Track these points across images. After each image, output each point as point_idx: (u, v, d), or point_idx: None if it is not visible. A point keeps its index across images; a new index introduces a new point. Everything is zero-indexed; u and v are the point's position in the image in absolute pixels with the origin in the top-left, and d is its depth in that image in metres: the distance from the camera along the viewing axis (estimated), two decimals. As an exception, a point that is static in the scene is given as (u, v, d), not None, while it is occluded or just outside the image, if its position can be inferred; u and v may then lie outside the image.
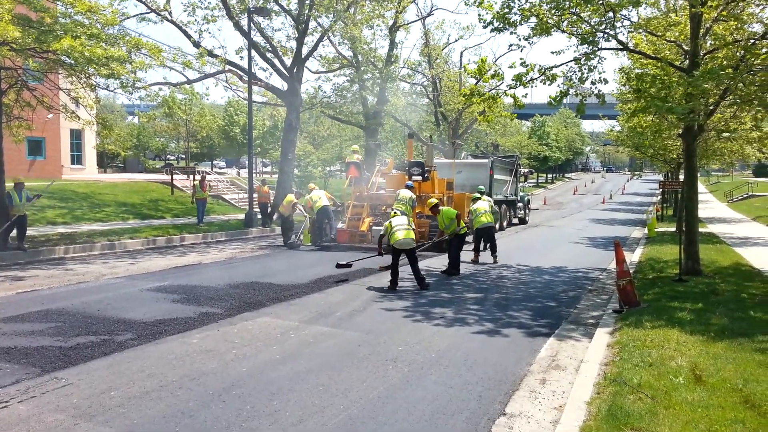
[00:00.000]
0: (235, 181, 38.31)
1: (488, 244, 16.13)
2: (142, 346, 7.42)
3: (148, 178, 36.25)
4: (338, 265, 12.94)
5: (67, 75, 16.91)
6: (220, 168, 69.12)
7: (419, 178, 19.23)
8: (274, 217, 24.05)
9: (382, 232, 12.29)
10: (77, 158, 38.71)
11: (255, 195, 24.83)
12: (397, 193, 17.79)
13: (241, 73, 25.30)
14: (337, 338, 7.92)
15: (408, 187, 17.73)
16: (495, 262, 15.65)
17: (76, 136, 37.95)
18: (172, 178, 31.52)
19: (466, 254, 16.00)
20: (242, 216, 25.19)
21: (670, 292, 10.49)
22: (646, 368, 6.14)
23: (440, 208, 14.02)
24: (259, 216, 24.38)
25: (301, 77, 26.24)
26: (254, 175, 27.24)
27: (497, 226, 18.41)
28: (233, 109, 56.87)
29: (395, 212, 12.66)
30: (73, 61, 15.17)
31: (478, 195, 17.59)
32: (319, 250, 17.87)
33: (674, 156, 27.49)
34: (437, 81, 37.59)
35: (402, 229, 11.88)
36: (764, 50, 11.95)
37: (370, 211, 19.06)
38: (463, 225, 13.88)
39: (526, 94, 13.46)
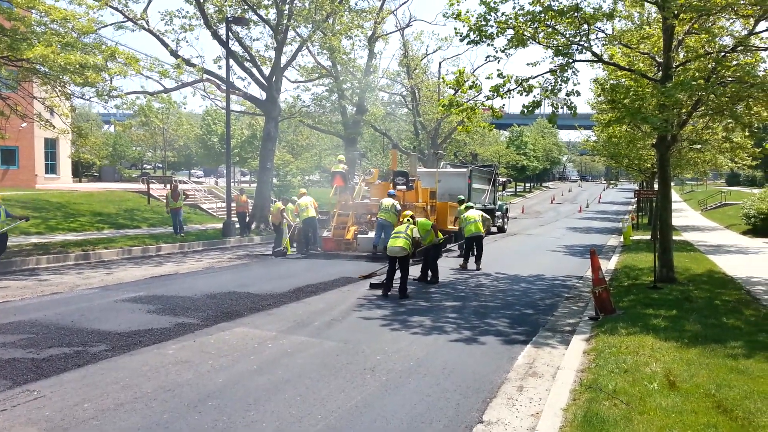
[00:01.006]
0: (213, 190, 38.05)
1: (476, 253, 16.47)
2: (117, 357, 7.32)
3: (125, 188, 35.85)
4: (371, 285, 12.71)
5: (42, 83, 16.71)
6: (198, 177, 68.50)
7: (403, 187, 19.51)
8: (266, 225, 24.09)
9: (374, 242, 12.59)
10: (52, 167, 38.16)
11: (233, 204, 24.68)
12: (380, 203, 18.00)
13: (219, 83, 25.21)
14: (315, 348, 7.89)
15: (391, 195, 18.06)
16: (478, 269, 15.96)
17: (51, 145, 37.43)
18: (148, 187, 31.19)
19: (447, 262, 16.04)
20: (220, 225, 25.01)
21: (645, 299, 10.62)
22: (621, 374, 6.21)
23: (416, 220, 14.07)
24: (238, 225, 24.23)
25: (280, 87, 26.25)
26: (232, 184, 27.06)
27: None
28: (211, 118, 56.60)
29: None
30: (47, 70, 15.01)
31: (471, 204, 17.94)
32: (303, 258, 17.92)
33: (648, 165, 27.91)
34: (416, 91, 37.83)
35: (399, 237, 12.17)
36: (734, 63, 12.26)
37: (355, 220, 19.23)
38: (441, 235, 14.01)
39: (504, 104, 13.79)
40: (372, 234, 18.05)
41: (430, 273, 13.79)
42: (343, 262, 16.70)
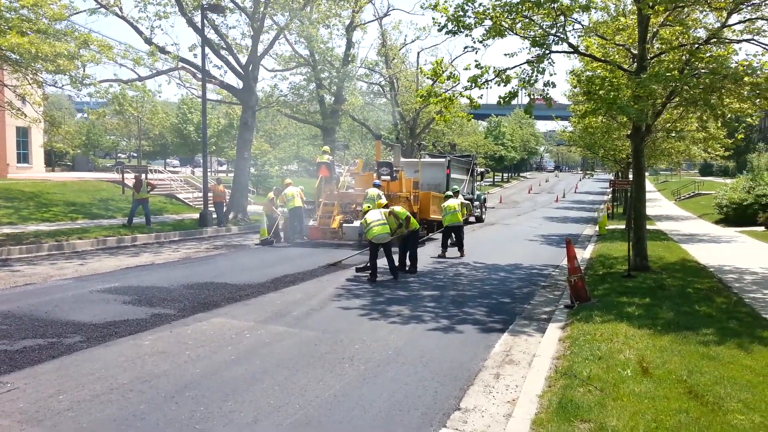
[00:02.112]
0: (190, 179, 37.69)
1: (456, 241, 17.02)
2: (92, 348, 7.24)
3: (99, 177, 35.35)
4: (357, 270, 13.44)
5: (13, 71, 16.36)
6: (174, 167, 67.71)
7: (388, 177, 19.97)
8: (243, 215, 24.26)
9: (360, 231, 13.19)
10: (24, 156, 37.46)
11: (210, 194, 24.51)
12: (365, 192, 18.49)
13: (195, 71, 24.90)
14: (293, 338, 7.89)
15: (375, 185, 18.56)
16: (461, 255, 16.62)
17: (23, 134, 36.72)
18: (123, 176, 30.80)
19: (426, 249, 16.12)
20: (197, 215, 24.82)
21: (620, 287, 10.79)
22: (595, 361, 6.32)
23: (392, 208, 14.14)
24: (215, 215, 24.07)
25: (257, 75, 26.01)
26: (209, 173, 26.85)
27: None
28: (187, 107, 55.83)
29: (367, 206, 13.51)
30: (18, 57, 14.70)
31: (450, 193, 18.42)
32: (288, 247, 18.15)
33: (624, 156, 28.23)
34: (394, 81, 37.73)
35: (378, 224, 12.66)
36: (708, 54, 12.43)
37: (340, 209, 19.64)
38: (416, 224, 14.20)
39: (482, 95, 13.70)
40: (357, 223, 18.24)
41: (408, 262, 13.85)
42: (327, 251, 16.70)
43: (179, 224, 22.93)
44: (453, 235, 17.06)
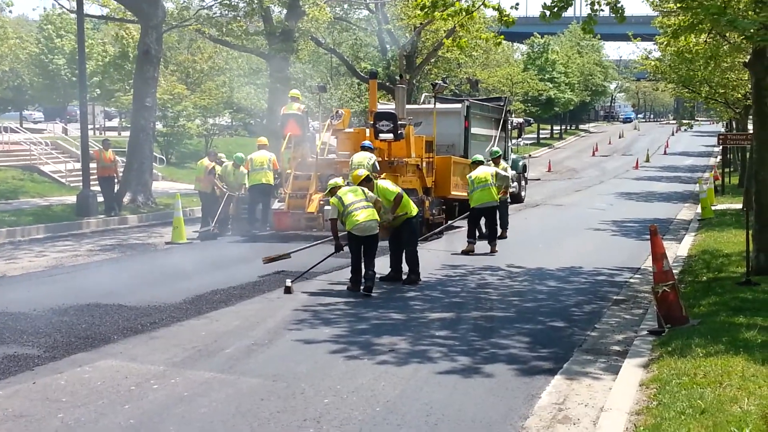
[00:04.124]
0: (60, 142, 37.45)
1: (488, 229, 17.43)
2: None
3: None
4: (267, 260, 13.88)
5: None
6: (36, 121, 67.24)
7: (390, 135, 19.80)
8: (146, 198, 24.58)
9: (332, 215, 13.02)
10: None
11: (93, 165, 24.31)
12: (351, 160, 18.46)
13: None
14: (226, 389, 7.89)
15: (365, 148, 18.56)
16: (493, 252, 17.01)
17: None
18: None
19: (436, 245, 16.12)
20: (73, 199, 24.67)
21: (733, 301, 10.82)
22: (696, 417, 6.36)
23: (375, 183, 14.07)
24: (101, 198, 23.91)
25: (164, -24, 25.83)
26: (91, 132, 26.67)
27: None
28: (53, 27, 55.31)
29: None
30: None
31: (480, 157, 18.75)
32: (238, 243, 18.64)
33: (739, 96, 28.34)
34: (382, -19, 37.57)
35: (362, 207, 12.53)
36: None
37: (319, 185, 19.34)
38: (414, 208, 14.15)
39: (518, 3, 13.48)
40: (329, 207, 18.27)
41: (406, 267, 13.87)
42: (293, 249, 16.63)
43: (45, 213, 22.84)
44: (484, 221, 17.39)
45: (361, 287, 12.67)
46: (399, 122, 20.01)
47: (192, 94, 42.78)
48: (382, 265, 13.88)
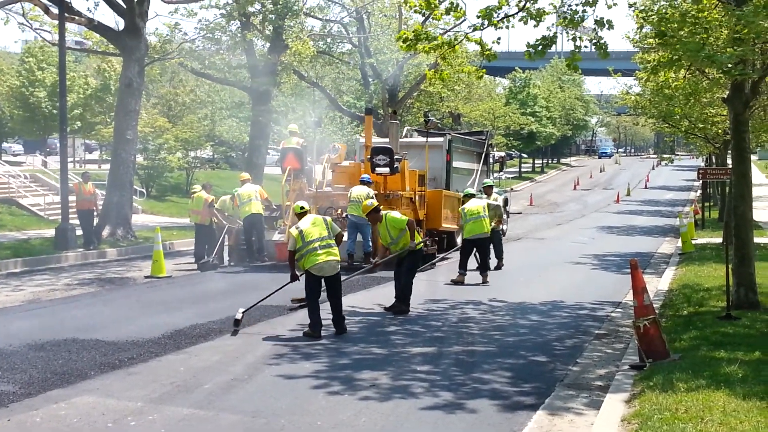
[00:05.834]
0: (39, 175, 37.37)
1: (481, 260, 17.78)
2: None
3: None
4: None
5: None
6: (15, 154, 67.08)
7: (386, 170, 20.32)
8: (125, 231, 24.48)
9: (290, 246, 12.22)
10: None
11: (72, 198, 24.23)
12: (350, 192, 19.03)
13: (48, 2, 24.72)
14: (205, 425, 7.85)
15: (364, 182, 19.14)
16: (484, 281, 17.51)
17: None
18: None
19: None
20: (52, 232, 24.56)
21: (714, 335, 10.86)
22: (679, 454, 6.34)
23: (383, 213, 14.16)
24: (80, 232, 23.82)
25: (147, 11, 25.90)
26: (70, 165, 26.59)
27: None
28: (35, 59, 55.31)
29: (301, 208, 12.69)
30: None
31: (471, 191, 19.23)
32: (240, 273, 18.91)
33: (719, 131, 28.54)
34: (364, 17, 37.74)
35: (324, 247, 12.01)
36: None
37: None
38: (420, 238, 14.28)
39: (499, 38, 13.57)
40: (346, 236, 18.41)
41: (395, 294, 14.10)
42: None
43: (23, 247, 22.73)
44: (477, 252, 17.71)
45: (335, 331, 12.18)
46: (394, 157, 20.59)
47: (173, 126, 42.84)
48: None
